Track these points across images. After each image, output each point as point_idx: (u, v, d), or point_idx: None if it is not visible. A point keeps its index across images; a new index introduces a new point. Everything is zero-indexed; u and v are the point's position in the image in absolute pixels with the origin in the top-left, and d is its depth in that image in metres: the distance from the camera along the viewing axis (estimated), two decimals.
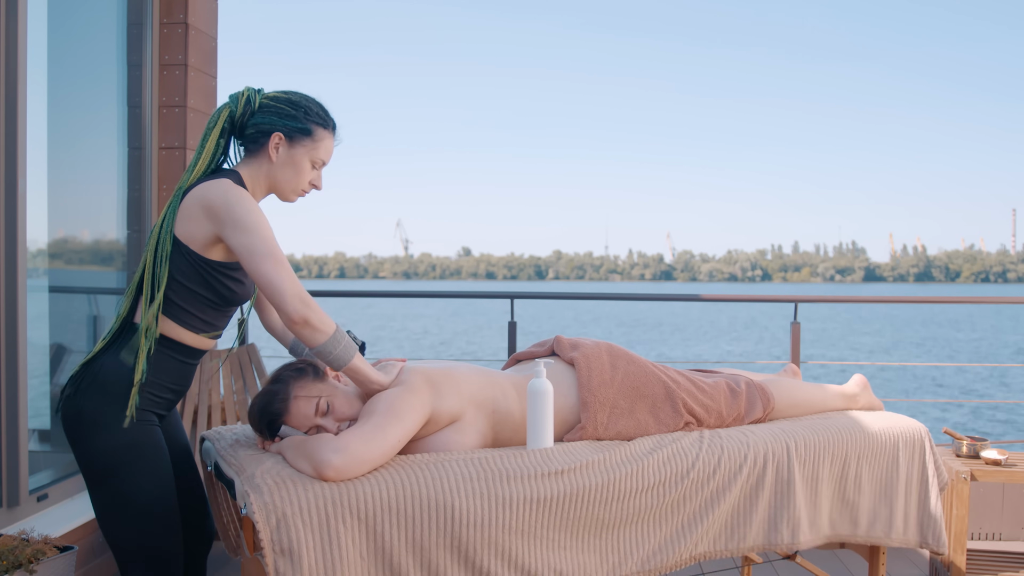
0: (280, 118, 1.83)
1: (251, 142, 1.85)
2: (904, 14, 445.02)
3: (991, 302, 4.17)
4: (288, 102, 1.85)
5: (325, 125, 1.88)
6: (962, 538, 2.67)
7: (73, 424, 1.76)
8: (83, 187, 3.04)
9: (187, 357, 1.84)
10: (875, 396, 2.55)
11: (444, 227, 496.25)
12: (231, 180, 1.78)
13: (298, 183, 1.88)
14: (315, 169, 1.89)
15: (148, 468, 1.77)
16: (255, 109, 1.84)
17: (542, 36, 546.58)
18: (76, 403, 1.75)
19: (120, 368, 1.75)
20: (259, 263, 1.70)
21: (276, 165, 1.85)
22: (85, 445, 1.75)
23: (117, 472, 1.74)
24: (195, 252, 1.75)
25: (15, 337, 2.50)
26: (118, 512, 1.76)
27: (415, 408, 1.82)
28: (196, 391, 3.28)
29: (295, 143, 1.84)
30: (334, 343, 1.75)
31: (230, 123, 1.85)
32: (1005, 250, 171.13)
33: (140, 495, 1.76)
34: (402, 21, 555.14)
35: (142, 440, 1.76)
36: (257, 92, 1.86)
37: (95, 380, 1.75)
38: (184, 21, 3.31)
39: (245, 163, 1.87)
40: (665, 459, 1.98)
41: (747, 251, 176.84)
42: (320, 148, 1.87)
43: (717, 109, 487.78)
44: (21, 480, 2.54)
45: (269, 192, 1.90)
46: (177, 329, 1.79)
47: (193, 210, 1.75)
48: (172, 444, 1.98)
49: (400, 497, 1.70)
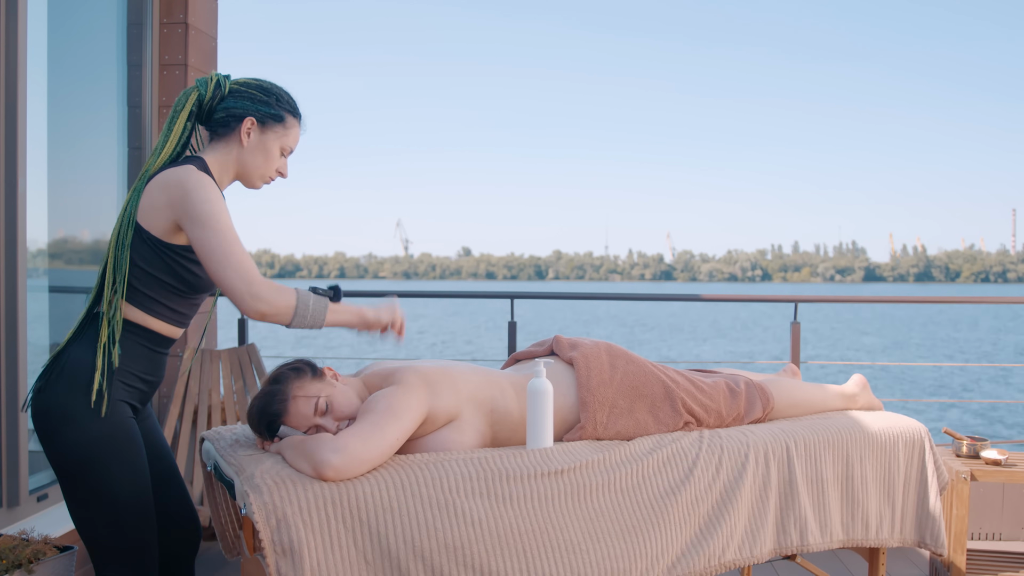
0: (253, 103, 1.82)
1: (221, 126, 1.83)
2: (904, 14, 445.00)
3: (991, 302, 4.17)
4: (260, 88, 1.85)
5: (295, 114, 1.88)
6: (962, 538, 2.67)
7: (43, 419, 1.72)
8: (83, 187, 3.04)
9: (155, 345, 1.80)
10: (875, 396, 2.55)
11: (444, 227, 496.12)
12: (195, 166, 1.76)
13: (267, 169, 1.87)
14: (283, 156, 1.89)
15: (123, 462, 1.73)
16: (225, 94, 1.83)
17: (542, 36, 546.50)
18: (45, 397, 1.72)
19: (88, 359, 1.72)
20: (211, 261, 1.69)
21: (247, 150, 1.84)
22: (57, 440, 1.71)
23: (91, 466, 1.70)
24: (156, 238, 1.73)
25: (15, 337, 2.50)
26: (93, 508, 1.72)
27: (412, 407, 1.82)
28: (196, 391, 3.28)
29: (267, 128, 1.84)
30: (300, 318, 1.74)
31: (198, 107, 1.83)
32: (1005, 250, 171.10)
33: (115, 490, 1.72)
34: (402, 21, 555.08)
35: (116, 433, 1.72)
36: (226, 77, 1.85)
37: (63, 372, 1.71)
38: (184, 21, 3.31)
39: (212, 148, 1.84)
40: (665, 459, 1.98)
41: (747, 251, 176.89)
42: (290, 135, 1.88)
43: (717, 109, 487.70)
44: (21, 480, 2.54)
45: (236, 178, 1.88)
46: (142, 316, 1.76)
47: (155, 197, 1.73)
48: (148, 439, 1.93)
49: (400, 497, 1.70)
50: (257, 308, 1.70)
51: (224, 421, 3.26)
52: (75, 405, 1.70)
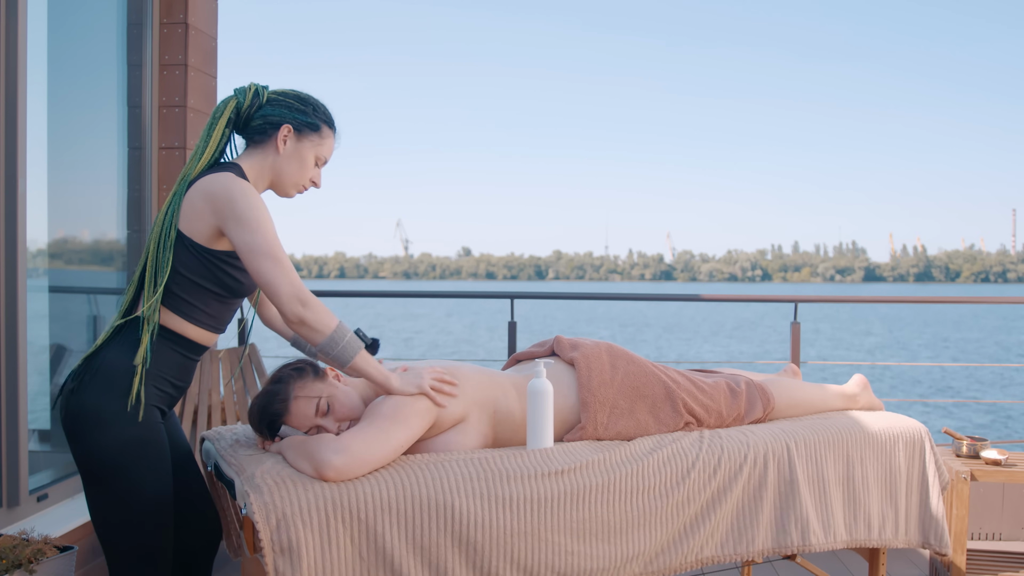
0: (290, 111, 1.86)
1: (258, 133, 1.86)
2: (904, 14, 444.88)
3: (991, 302, 4.17)
4: (297, 98, 1.88)
5: (331, 125, 1.92)
6: (962, 538, 2.67)
7: (74, 420, 1.72)
8: (83, 187, 3.04)
9: (189, 351, 1.82)
10: (875, 396, 2.55)
11: (444, 227, 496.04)
12: (234, 173, 1.78)
13: (301, 177, 1.89)
14: (317, 166, 1.92)
15: (151, 465, 1.74)
16: (263, 102, 1.86)
17: (542, 36, 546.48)
18: (78, 398, 1.72)
19: (123, 362, 1.73)
20: (258, 262, 1.70)
21: (283, 157, 1.86)
22: (87, 441, 1.71)
23: (120, 469, 1.71)
24: (199, 244, 1.75)
25: (15, 337, 2.50)
26: (115, 510, 1.74)
27: (420, 413, 1.82)
28: (196, 391, 3.28)
29: (303, 137, 1.87)
30: (332, 343, 1.74)
31: (235, 115, 1.86)
32: (1005, 250, 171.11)
33: (141, 493, 1.73)
34: (402, 21, 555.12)
35: (147, 436, 1.73)
36: (264, 87, 1.89)
37: (97, 374, 1.72)
38: (184, 21, 3.31)
39: (247, 155, 1.87)
40: (665, 459, 1.98)
41: (747, 251, 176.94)
42: (325, 145, 1.91)
43: (717, 109, 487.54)
44: (21, 480, 2.54)
45: (270, 186, 1.91)
46: (180, 322, 1.78)
47: (197, 203, 1.75)
48: (173, 443, 1.96)
49: (400, 497, 1.70)
50: (298, 313, 1.71)
51: (224, 421, 3.26)
52: (108, 408, 1.71)
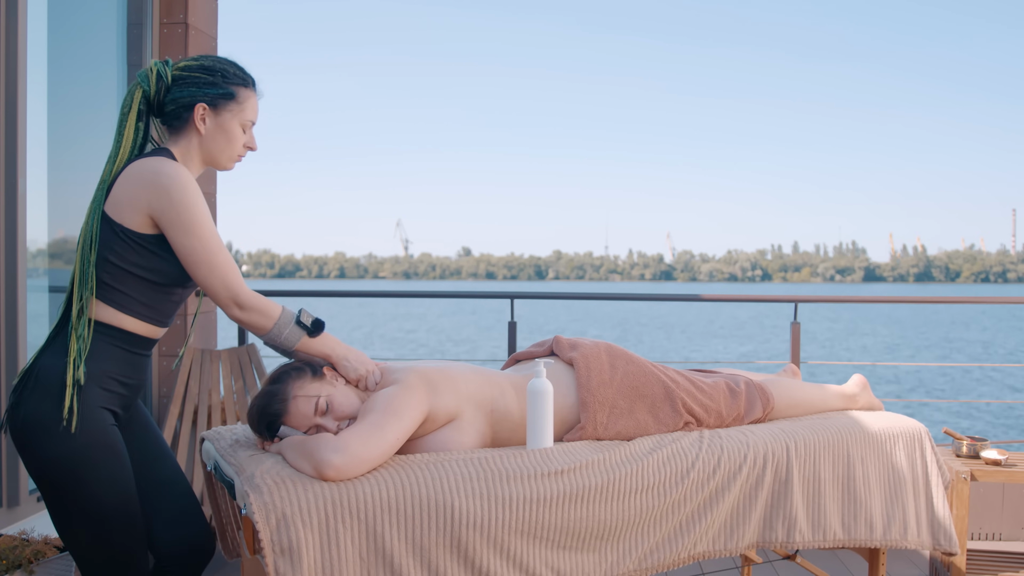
0: (199, 88, 1.75)
1: (174, 118, 1.77)
2: (904, 14, 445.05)
3: (991, 302, 4.17)
4: (202, 69, 1.77)
5: (245, 84, 1.81)
6: (962, 538, 2.67)
7: (19, 433, 1.64)
8: (83, 187, 3.04)
9: (132, 346, 1.74)
10: (875, 396, 2.55)
11: (444, 227, 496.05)
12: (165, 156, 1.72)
13: (232, 150, 1.82)
14: (246, 132, 1.84)
15: (104, 472, 1.66)
16: (169, 84, 1.76)
17: (542, 36, 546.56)
18: (20, 412, 1.64)
19: (60, 367, 1.64)
20: (194, 267, 1.69)
21: (206, 137, 1.78)
22: (35, 454, 1.64)
23: (71, 478, 1.63)
24: (130, 230, 1.68)
25: (15, 337, 2.50)
26: (76, 520, 1.67)
27: (412, 406, 1.82)
28: (196, 391, 3.28)
29: (220, 110, 1.77)
30: (274, 336, 1.79)
31: (145, 104, 1.77)
32: (1005, 250, 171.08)
33: (98, 501, 1.66)
34: (401, 21, 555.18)
35: (96, 442, 1.65)
36: (166, 64, 1.77)
37: (37, 384, 1.64)
38: (184, 21, 3.31)
39: (173, 142, 1.79)
40: (665, 459, 1.98)
41: (747, 251, 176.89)
42: (247, 108, 1.81)
43: (717, 109, 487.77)
44: (21, 480, 2.54)
45: (205, 165, 1.84)
46: (116, 315, 1.70)
47: (130, 190, 1.68)
48: (141, 444, 1.87)
49: (400, 497, 1.70)
50: (235, 314, 1.75)
51: (224, 421, 3.26)
52: (50, 416, 1.62)
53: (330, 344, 1.88)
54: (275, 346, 1.81)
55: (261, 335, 1.78)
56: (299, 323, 1.81)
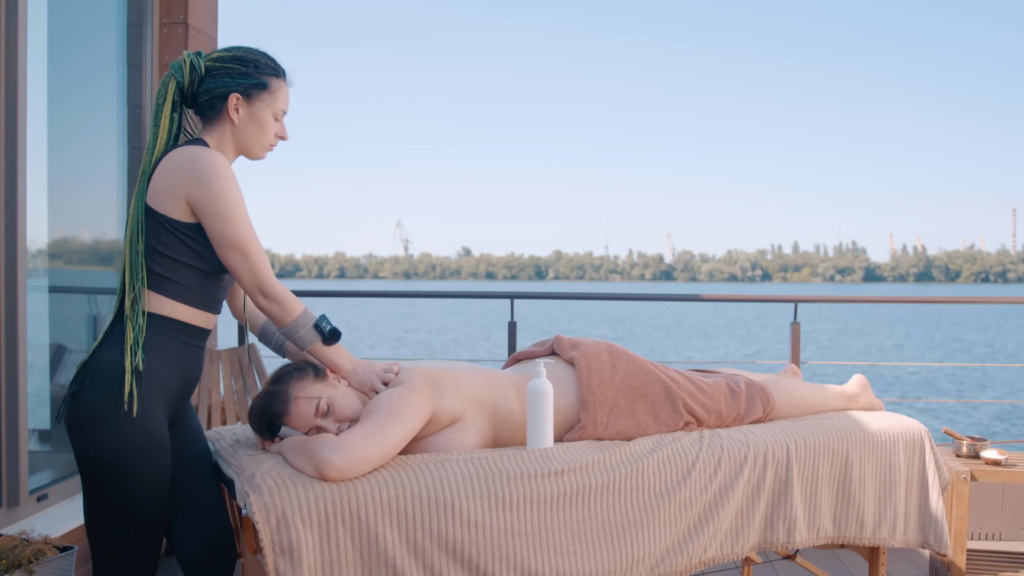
0: (232, 78, 1.79)
1: (208, 109, 1.81)
2: (904, 14, 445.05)
3: (991, 302, 4.17)
4: (235, 59, 1.80)
5: (277, 74, 1.85)
6: (962, 538, 2.67)
7: (74, 422, 1.70)
8: (83, 187, 3.04)
9: (187, 336, 1.78)
10: (875, 396, 2.55)
11: (444, 227, 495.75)
12: (200, 145, 1.75)
13: (265, 139, 1.86)
14: (278, 121, 1.87)
15: (146, 470, 1.70)
16: (203, 75, 1.79)
17: (542, 36, 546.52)
18: (77, 401, 1.70)
19: (119, 359, 1.69)
20: (226, 252, 1.73)
21: (239, 127, 1.82)
22: (85, 442, 1.69)
23: (114, 469, 1.68)
24: (175, 220, 1.72)
25: (15, 337, 2.50)
26: (105, 511, 1.71)
27: (416, 408, 1.82)
28: (196, 391, 3.28)
29: (253, 100, 1.81)
30: (292, 330, 1.81)
31: (179, 95, 1.80)
32: (1005, 250, 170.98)
33: (132, 496, 1.69)
34: (402, 21, 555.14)
35: (144, 439, 1.69)
36: (199, 56, 1.81)
37: (95, 375, 1.69)
38: (184, 21, 3.30)
39: (207, 131, 1.82)
40: (665, 459, 1.98)
41: (747, 251, 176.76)
42: (279, 98, 1.85)
43: (717, 109, 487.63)
44: (21, 480, 2.54)
45: (238, 154, 1.87)
46: (171, 304, 1.74)
47: (169, 178, 1.71)
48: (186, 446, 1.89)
49: (400, 497, 1.70)
50: (260, 303, 1.77)
51: (224, 421, 3.26)
52: (106, 408, 1.68)
53: (341, 356, 1.89)
54: (291, 341, 1.84)
55: (281, 328, 1.82)
56: (317, 327, 1.84)
